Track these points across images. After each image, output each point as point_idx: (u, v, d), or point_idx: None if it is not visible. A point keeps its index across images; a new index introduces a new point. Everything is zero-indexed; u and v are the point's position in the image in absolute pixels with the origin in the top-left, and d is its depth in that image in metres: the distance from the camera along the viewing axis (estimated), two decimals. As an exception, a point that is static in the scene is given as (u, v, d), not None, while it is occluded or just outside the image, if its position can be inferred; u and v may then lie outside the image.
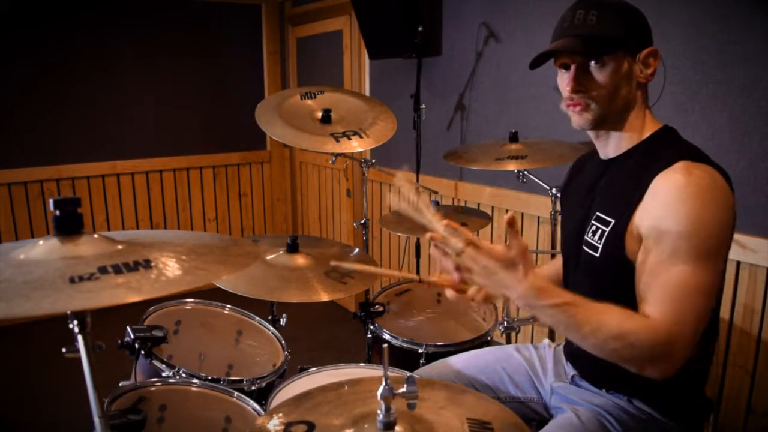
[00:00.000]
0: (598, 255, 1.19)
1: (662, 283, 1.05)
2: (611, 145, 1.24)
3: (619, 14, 1.17)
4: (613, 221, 1.16)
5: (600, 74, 1.17)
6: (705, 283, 1.04)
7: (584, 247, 1.23)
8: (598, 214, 1.21)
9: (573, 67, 1.18)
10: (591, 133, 1.26)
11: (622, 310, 1.03)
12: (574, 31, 1.17)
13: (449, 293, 1.13)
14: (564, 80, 1.21)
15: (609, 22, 1.16)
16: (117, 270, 0.80)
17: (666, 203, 1.07)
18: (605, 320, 1.02)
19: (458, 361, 1.55)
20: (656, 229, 1.07)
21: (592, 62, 1.16)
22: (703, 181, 1.05)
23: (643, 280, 1.09)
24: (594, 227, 1.21)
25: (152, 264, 0.83)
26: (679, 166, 1.08)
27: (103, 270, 0.79)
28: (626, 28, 1.16)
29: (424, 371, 1.56)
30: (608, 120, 1.20)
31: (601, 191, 1.25)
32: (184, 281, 0.81)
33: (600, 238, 1.18)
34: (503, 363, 1.49)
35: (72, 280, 0.76)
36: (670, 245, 1.05)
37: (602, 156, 1.28)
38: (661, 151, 1.14)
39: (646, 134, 1.20)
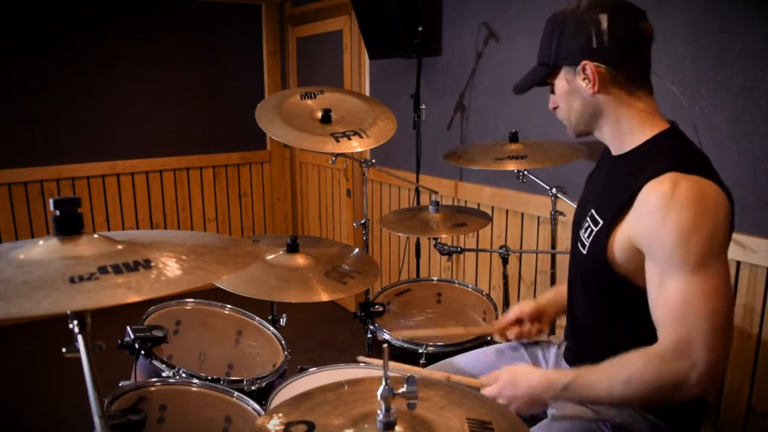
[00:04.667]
0: (585, 252, 1.21)
1: (664, 303, 1.05)
2: (611, 146, 1.25)
3: (552, 34, 1.20)
4: (601, 222, 1.17)
5: (556, 94, 1.24)
6: (709, 286, 1.02)
7: (578, 244, 1.26)
8: (592, 212, 1.22)
9: (550, 87, 1.27)
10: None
11: (626, 355, 1.07)
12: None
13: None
14: None
15: (544, 46, 1.22)
16: (117, 270, 0.80)
17: (652, 216, 1.06)
18: (611, 374, 1.08)
19: (461, 360, 1.55)
20: (649, 246, 1.08)
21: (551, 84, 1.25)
22: (688, 191, 1.04)
23: (653, 305, 1.09)
24: (587, 224, 1.22)
25: (152, 264, 0.83)
26: (667, 177, 1.06)
27: (103, 270, 0.79)
28: (557, 46, 1.18)
29: (436, 368, 1.56)
30: (585, 131, 1.25)
31: (599, 190, 1.27)
32: (184, 281, 0.81)
33: (589, 237, 1.20)
34: (507, 362, 1.49)
35: (72, 280, 0.76)
36: (665, 259, 1.05)
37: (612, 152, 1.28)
38: (655, 158, 1.12)
39: (645, 137, 1.17)
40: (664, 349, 1.04)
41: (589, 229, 1.20)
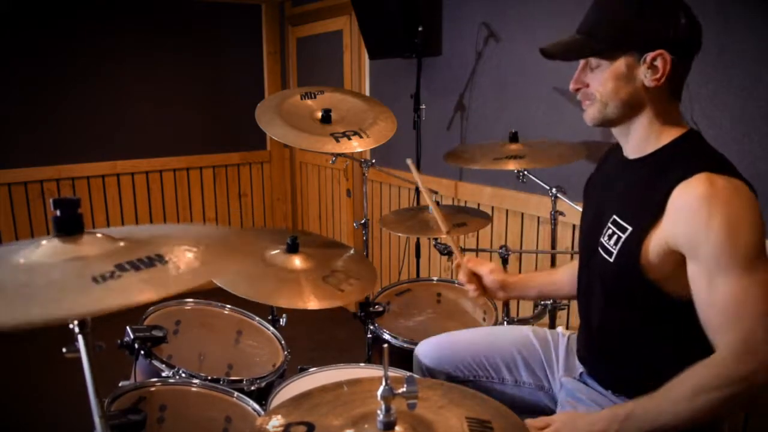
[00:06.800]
0: (612, 260, 1.16)
1: (717, 306, 1.02)
2: (629, 146, 1.20)
3: (625, 11, 1.07)
4: (630, 228, 1.13)
5: (595, 75, 1.14)
6: (762, 284, 1.00)
7: (599, 250, 1.20)
8: (615, 218, 1.17)
9: (580, 63, 1.16)
10: (612, 129, 1.22)
11: (685, 371, 1.03)
12: (580, 27, 1.15)
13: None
14: None
15: (606, 21, 1.10)
16: (135, 267, 0.80)
17: (695, 216, 1.02)
18: (673, 392, 1.03)
19: (473, 334, 1.54)
20: (692, 248, 1.04)
21: (591, 61, 1.14)
22: (726, 190, 1.02)
23: (703, 309, 1.05)
24: (611, 231, 1.17)
25: (166, 259, 0.83)
26: (700, 177, 1.03)
27: (120, 267, 0.79)
28: (627, 27, 1.08)
29: (439, 340, 1.56)
30: (613, 122, 1.17)
31: (619, 194, 1.21)
32: (200, 273, 0.80)
33: (616, 244, 1.15)
34: (519, 346, 1.47)
35: (94, 280, 0.75)
36: (712, 259, 1.02)
37: (624, 154, 1.23)
38: (680, 160, 1.09)
39: (666, 140, 1.14)
40: (726, 353, 1.00)
41: (616, 236, 1.15)
